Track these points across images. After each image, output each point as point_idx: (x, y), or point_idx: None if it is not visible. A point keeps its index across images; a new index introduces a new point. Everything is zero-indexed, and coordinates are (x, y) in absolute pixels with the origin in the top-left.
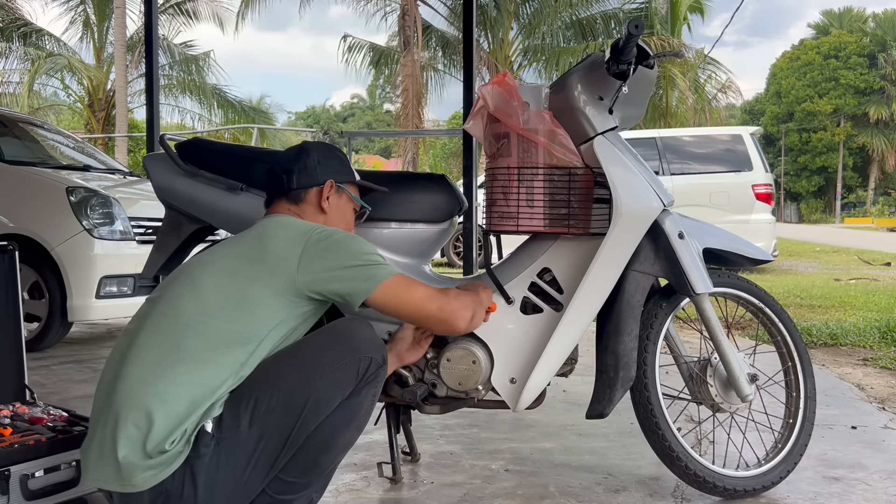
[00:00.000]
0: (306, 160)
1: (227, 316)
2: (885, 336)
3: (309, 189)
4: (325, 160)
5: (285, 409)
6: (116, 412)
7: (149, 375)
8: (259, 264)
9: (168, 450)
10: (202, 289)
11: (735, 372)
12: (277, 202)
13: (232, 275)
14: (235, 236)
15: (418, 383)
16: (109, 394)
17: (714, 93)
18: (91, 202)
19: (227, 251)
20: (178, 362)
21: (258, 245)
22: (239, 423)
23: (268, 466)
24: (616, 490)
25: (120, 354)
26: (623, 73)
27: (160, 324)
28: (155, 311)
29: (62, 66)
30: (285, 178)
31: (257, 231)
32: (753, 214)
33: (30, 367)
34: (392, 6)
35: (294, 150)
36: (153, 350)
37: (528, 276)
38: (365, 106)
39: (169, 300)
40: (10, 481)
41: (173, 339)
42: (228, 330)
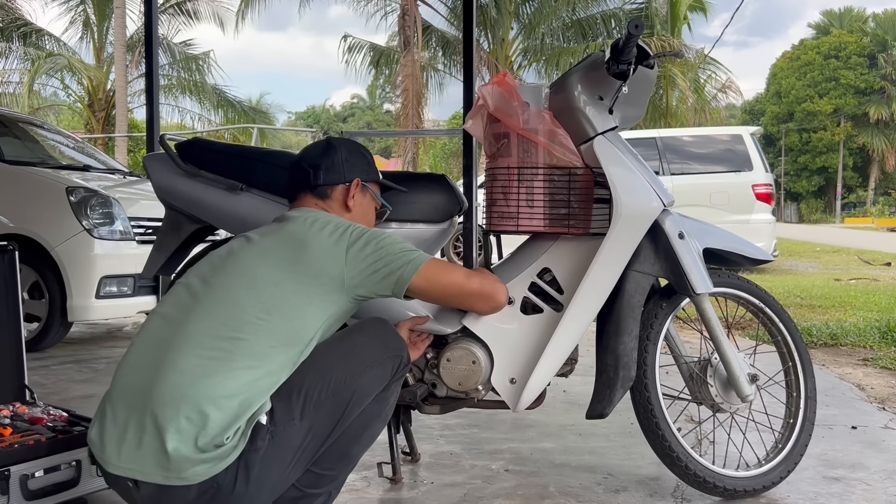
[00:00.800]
0: (334, 157)
1: (284, 315)
2: (885, 336)
3: (336, 186)
4: (352, 158)
5: (334, 402)
6: (164, 402)
7: (205, 369)
8: (306, 265)
9: (225, 443)
10: (260, 284)
11: (735, 372)
12: (303, 197)
13: (286, 271)
14: (270, 227)
15: (418, 383)
16: (153, 381)
17: (714, 93)
18: (91, 202)
19: (271, 245)
20: (236, 358)
21: (301, 244)
22: (292, 416)
23: (309, 459)
24: (616, 490)
25: (163, 340)
26: (623, 73)
27: (216, 314)
28: (206, 299)
29: (62, 66)
30: (312, 173)
31: (295, 227)
32: (753, 214)
33: (30, 367)
34: (392, 6)
35: (321, 145)
36: (209, 341)
37: (528, 277)
38: (365, 106)
39: (223, 290)
40: (10, 481)
41: (232, 333)
42: (286, 329)
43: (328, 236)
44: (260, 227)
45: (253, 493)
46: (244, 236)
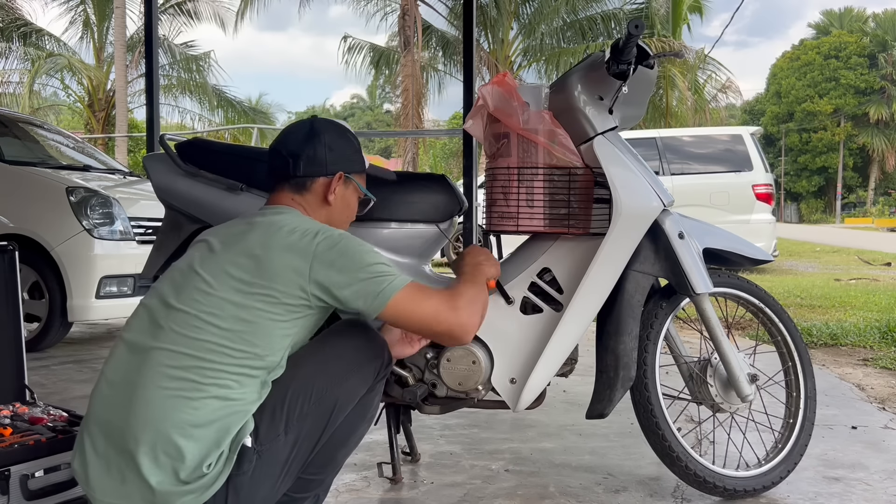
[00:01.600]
0: (316, 145)
1: (249, 338)
2: (885, 336)
3: (316, 179)
4: (337, 146)
5: (318, 411)
6: (139, 439)
7: (174, 401)
8: (269, 280)
9: (206, 473)
10: (221, 308)
11: (735, 372)
12: (280, 189)
13: (246, 294)
14: (234, 232)
15: (418, 383)
16: (126, 418)
17: (714, 93)
18: (91, 202)
19: (231, 260)
20: (204, 386)
21: (260, 260)
22: (277, 432)
23: (298, 469)
24: (616, 490)
25: (131, 372)
26: (623, 73)
27: (179, 342)
28: (168, 324)
29: (62, 66)
30: (291, 162)
31: (257, 238)
32: (753, 214)
33: (30, 367)
34: (392, 6)
35: (304, 130)
36: (174, 371)
37: (528, 276)
38: (365, 106)
39: (183, 315)
40: (10, 481)
41: (197, 362)
42: (252, 352)
43: (290, 249)
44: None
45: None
46: (206, 242)
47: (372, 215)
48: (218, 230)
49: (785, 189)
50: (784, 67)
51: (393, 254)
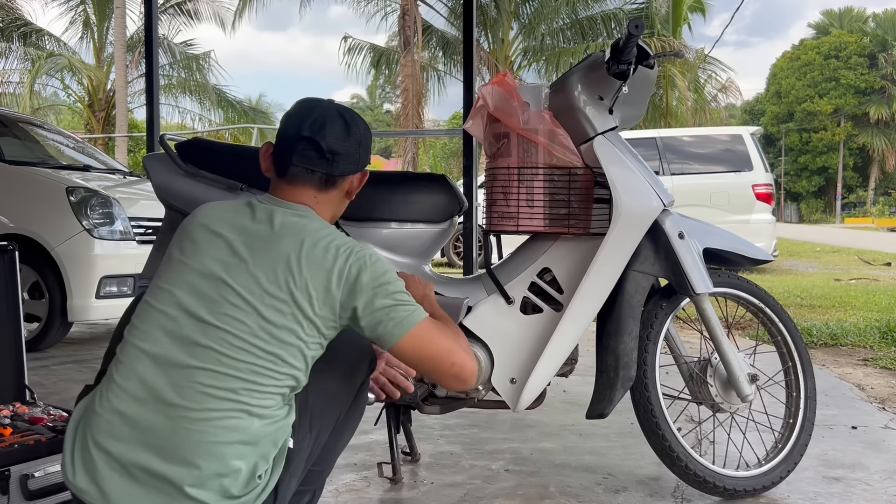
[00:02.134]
0: (354, 143)
1: (288, 363)
2: (885, 336)
3: (346, 177)
4: (367, 142)
5: (332, 408)
6: (185, 458)
7: (224, 423)
8: (304, 300)
9: (258, 483)
10: (260, 328)
11: (735, 372)
12: (305, 182)
13: (281, 312)
14: (257, 236)
15: (418, 383)
16: (169, 436)
17: (714, 93)
18: (91, 202)
19: (265, 274)
20: (252, 408)
21: (299, 275)
22: (305, 431)
23: (310, 464)
24: (616, 490)
25: (166, 388)
26: (623, 73)
27: (223, 362)
28: (208, 342)
29: (62, 66)
30: (331, 159)
31: (292, 249)
32: (753, 214)
33: (30, 367)
34: (392, 6)
35: (339, 124)
36: (221, 393)
37: (528, 276)
38: (365, 106)
39: (221, 333)
40: (10, 481)
41: (243, 384)
42: (291, 376)
43: (327, 270)
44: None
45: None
46: (224, 240)
47: (372, 215)
48: (228, 219)
49: (785, 189)
50: (784, 67)
51: (393, 254)
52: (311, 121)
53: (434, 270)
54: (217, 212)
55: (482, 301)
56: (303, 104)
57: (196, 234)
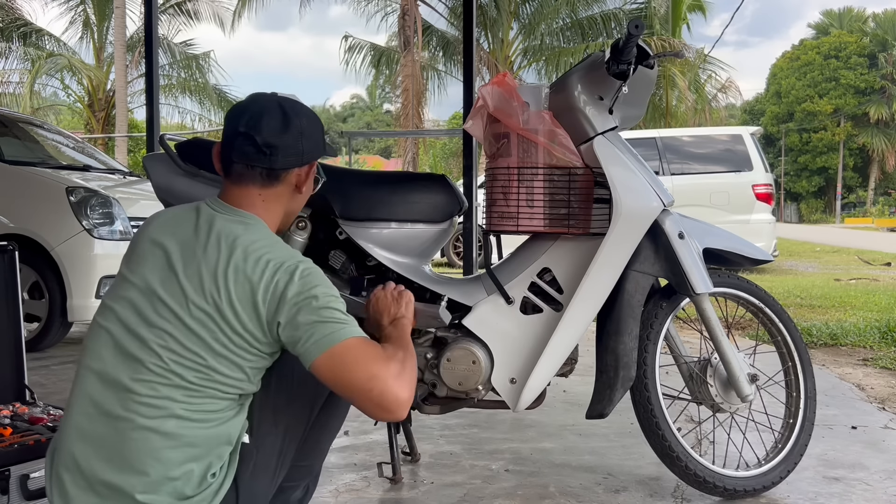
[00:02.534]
0: (294, 135)
1: (228, 374)
2: (885, 336)
3: (291, 170)
4: (311, 133)
5: (301, 398)
6: (136, 468)
7: (169, 435)
8: (232, 316)
9: (212, 482)
10: (194, 344)
11: (735, 372)
12: (246, 180)
13: (209, 328)
14: (189, 244)
15: (418, 383)
16: (120, 450)
17: (714, 93)
18: (91, 202)
19: (193, 284)
20: (196, 416)
21: (226, 289)
22: (269, 425)
23: (290, 459)
24: (616, 490)
25: (112, 404)
26: (623, 73)
27: (162, 379)
28: (145, 358)
29: (62, 67)
30: (268, 153)
31: (222, 261)
32: (753, 214)
33: (30, 367)
34: (392, 6)
35: (276, 115)
36: (164, 404)
37: (528, 276)
38: (365, 106)
39: (158, 349)
40: (10, 481)
41: (184, 395)
42: (235, 383)
43: (259, 290)
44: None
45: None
46: (162, 249)
47: (372, 215)
48: (172, 229)
49: (785, 189)
50: (784, 67)
51: (393, 254)
52: (248, 116)
53: (434, 270)
54: (163, 221)
55: (482, 301)
56: (245, 100)
57: (140, 247)
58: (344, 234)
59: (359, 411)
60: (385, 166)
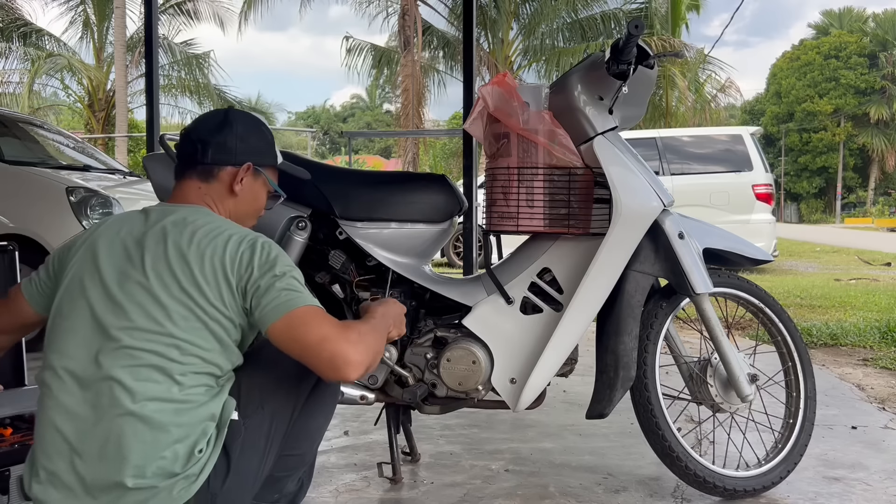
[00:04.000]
0: (227, 134)
1: (193, 351)
2: (885, 336)
3: (224, 167)
4: (249, 137)
5: (287, 381)
6: (115, 455)
7: (140, 421)
8: (196, 290)
9: (199, 457)
10: (154, 319)
11: (735, 372)
12: (187, 177)
13: (174, 300)
14: (151, 240)
15: (418, 383)
16: (94, 438)
17: (714, 93)
18: (91, 202)
19: (161, 279)
20: (168, 403)
21: (184, 263)
22: (255, 404)
23: (279, 442)
24: (616, 490)
25: (84, 396)
26: (623, 73)
27: (126, 357)
28: (110, 342)
29: (62, 67)
30: (200, 149)
31: (176, 241)
32: (753, 214)
33: (30, 367)
34: (393, 7)
35: (216, 118)
36: (133, 394)
37: (528, 276)
38: (365, 106)
39: (121, 329)
40: (9, 481)
41: (151, 375)
42: (199, 360)
43: (221, 262)
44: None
45: (242, 486)
46: (125, 250)
47: (372, 215)
48: (125, 228)
49: (785, 189)
50: (784, 67)
51: (393, 254)
52: (195, 120)
53: (434, 270)
54: (112, 223)
55: (482, 301)
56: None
57: (95, 247)
58: (344, 234)
59: (359, 412)
60: (385, 166)
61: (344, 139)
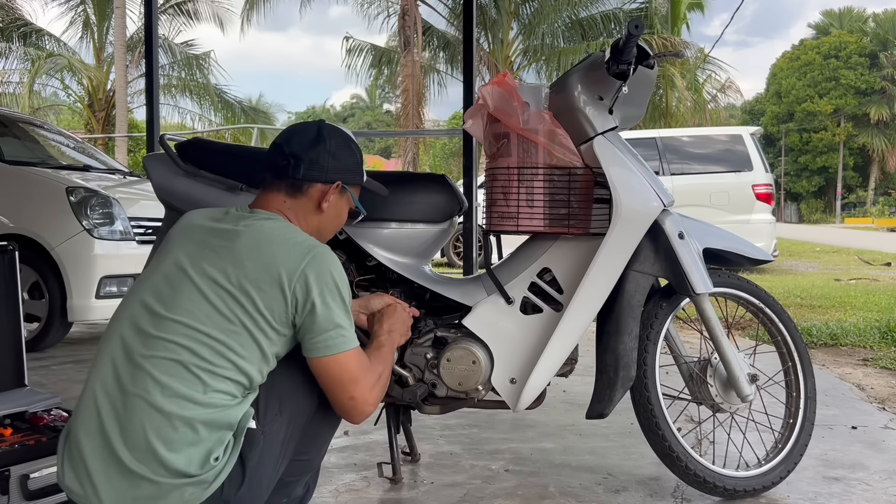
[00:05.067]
0: (321, 151)
1: (228, 356)
2: (885, 336)
3: (314, 184)
4: (340, 155)
5: (304, 389)
6: (137, 443)
7: (163, 414)
8: (247, 294)
9: (214, 465)
10: (198, 317)
11: (735, 372)
12: (274, 188)
13: (223, 301)
14: (220, 240)
15: (418, 383)
16: (121, 422)
17: (714, 93)
18: (91, 202)
19: (211, 264)
20: (190, 403)
21: (242, 266)
22: (275, 412)
23: (293, 449)
24: (616, 490)
25: (121, 375)
26: (623, 73)
27: (163, 349)
28: (155, 329)
29: (62, 67)
30: (293, 163)
31: (243, 244)
32: (753, 214)
33: (30, 367)
34: (393, 7)
35: (310, 132)
36: (162, 386)
37: (528, 276)
38: (365, 106)
39: (168, 320)
40: (9, 481)
41: (181, 374)
42: (233, 366)
43: (280, 270)
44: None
45: (256, 493)
46: (197, 244)
47: (372, 215)
48: (204, 223)
49: (785, 189)
50: (784, 67)
51: (393, 254)
52: (287, 132)
53: (434, 270)
54: (194, 216)
55: (482, 301)
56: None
57: (172, 238)
58: (344, 234)
59: None
60: (385, 166)
61: None
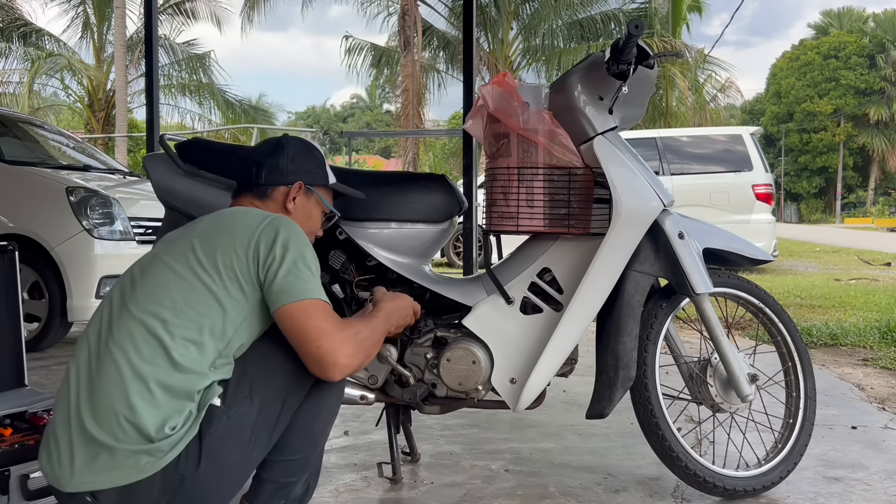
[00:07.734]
0: (279, 157)
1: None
2: (885, 336)
3: (276, 187)
4: (300, 159)
5: (278, 377)
6: (103, 404)
7: (127, 367)
8: (214, 250)
9: (170, 434)
10: (168, 286)
11: (735, 372)
12: (243, 195)
13: (191, 271)
14: (195, 224)
15: (418, 383)
16: (91, 381)
17: (714, 93)
18: (91, 202)
19: (186, 242)
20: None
21: (212, 232)
22: (244, 395)
23: (267, 438)
24: (616, 490)
25: (101, 338)
26: (623, 73)
27: (142, 309)
28: (126, 315)
29: (62, 67)
30: (254, 171)
31: (215, 224)
32: (753, 214)
33: (30, 367)
34: (393, 7)
35: (271, 143)
36: (133, 340)
37: (528, 276)
38: (365, 106)
39: (144, 288)
40: (9, 481)
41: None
42: (204, 325)
43: (242, 224)
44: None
45: (217, 475)
46: (182, 234)
47: (372, 215)
48: (191, 224)
49: (785, 189)
50: (784, 67)
51: (393, 254)
52: (254, 147)
53: (434, 270)
54: (174, 231)
55: (482, 301)
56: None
57: (171, 236)
58: (344, 234)
59: (359, 412)
60: (385, 166)
61: (344, 139)
